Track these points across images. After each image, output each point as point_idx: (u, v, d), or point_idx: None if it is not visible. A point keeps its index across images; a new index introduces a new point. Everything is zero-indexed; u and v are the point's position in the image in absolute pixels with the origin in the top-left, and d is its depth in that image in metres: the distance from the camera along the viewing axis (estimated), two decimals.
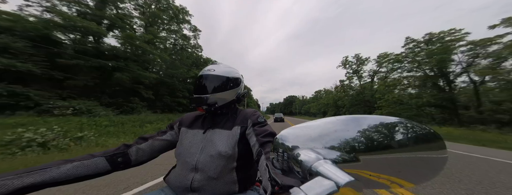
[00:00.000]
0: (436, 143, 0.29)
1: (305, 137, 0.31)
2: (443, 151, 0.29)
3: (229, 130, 0.75)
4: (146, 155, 0.74)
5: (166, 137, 0.80)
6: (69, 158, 0.59)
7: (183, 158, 0.71)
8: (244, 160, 0.72)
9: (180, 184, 0.68)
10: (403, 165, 0.29)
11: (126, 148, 0.70)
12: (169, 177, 0.74)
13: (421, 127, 0.29)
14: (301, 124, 0.34)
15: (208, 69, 0.81)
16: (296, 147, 0.30)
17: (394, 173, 0.29)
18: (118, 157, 0.66)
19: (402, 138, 0.28)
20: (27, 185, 0.46)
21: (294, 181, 0.28)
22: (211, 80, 0.79)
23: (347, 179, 0.21)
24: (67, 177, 0.54)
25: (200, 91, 0.78)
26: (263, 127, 0.70)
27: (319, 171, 0.23)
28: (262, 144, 0.59)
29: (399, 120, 0.30)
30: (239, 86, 0.85)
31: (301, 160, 0.27)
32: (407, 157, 0.28)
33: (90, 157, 0.61)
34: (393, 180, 0.29)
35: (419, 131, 0.29)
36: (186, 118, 0.87)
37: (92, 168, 0.59)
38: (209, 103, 0.76)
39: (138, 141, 0.75)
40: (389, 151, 0.28)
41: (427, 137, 0.29)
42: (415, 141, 0.29)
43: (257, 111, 0.82)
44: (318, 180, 0.22)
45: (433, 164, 0.29)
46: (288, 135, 0.33)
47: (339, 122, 0.31)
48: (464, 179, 2.69)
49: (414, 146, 0.28)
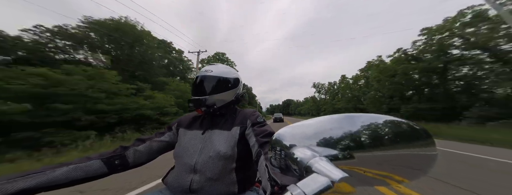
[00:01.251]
0: (426, 140, 0.30)
1: (302, 135, 0.32)
2: (433, 148, 0.30)
3: (228, 131, 0.74)
4: (144, 157, 0.73)
5: (164, 138, 0.80)
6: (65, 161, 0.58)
7: (181, 159, 0.71)
8: (244, 160, 0.72)
9: (179, 186, 0.67)
10: (396, 162, 0.29)
11: (123, 150, 0.69)
12: (167, 178, 0.74)
13: (413, 125, 0.30)
14: (298, 123, 0.35)
15: (206, 69, 0.80)
16: (293, 145, 0.31)
17: (387, 170, 0.30)
18: (115, 160, 0.66)
19: (394, 136, 0.29)
20: (21, 190, 0.45)
21: (293, 180, 0.29)
22: (209, 81, 0.78)
23: (341, 175, 0.22)
24: (62, 180, 0.53)
25: (198, 93, 0.78)
26: (263, 127, 0.70)
27: (315, 168, 0.24)
28: (261, 145, 0.59)
29: (392, 119, 0.31)
30: (237, 86, 0.84)
31: (297, 158, 0.28)
32: (399, 154, 0.29)
33: (86, 159, 0.60)
34: (386, 176, 0.30)
35: (410, 129, 0.30)
36: (184, 119, 0.86)
37: (89, 171, 0.59)
38: (208, 105, 0.76)
39: (136, 143, 0.74)
40: (382, 149, 0.29)
41: (418, 135, 0.30)
42: (407, 138, 0.30)
43: (256, 111, 0.82)
44: (314, 177, 0.23)
45: (424, 161, 0.31)
46: (285, 134, 0.34)
47: (334, 120, 0.32)
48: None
49: (405, 144, 0.29)
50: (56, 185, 0.52)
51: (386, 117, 0.31)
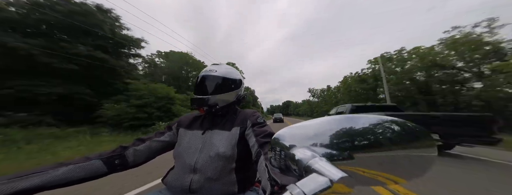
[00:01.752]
0: (426, 141, 0.30)
1: (302, 136, 0.32)
2: (432, 149, 0.30)
3: (228, 131, 0.75)
4: (144, 157, 0.74)
5: (164, 138, 0.80)
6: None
7: (181, 159, 0.71)
8: (243, 161, 0.72)
9: (178, 185, 0.67)
10: (395, 162, 0.30)
11: (123, 150, 0.70)
12: (167, 178, 0.74)
13: (412, 125, 0.30)
14: (297, 124, 0.35)
15: (210, 69, 0.80)
16: (293, 146, 0.31)
17: (387, 170, 0.30)
18: (115, 159, 0.66)
19: (394, 136, 0.29)
20: (22, 189, 0.45)
21: (293, 180, 0.29)
22: (212, 80, 0.79)
23: (340, 175, 0.22)
24: (62, 180, 0.53)
25: (201, 92, 0.78)
26: (262, 127, 0.70)
27: (314, 168, 0.24)
28: (261, 145, 0.59)
29: (392, 119, 0.31)
30: (240, 87, 0.85)
31: (297, 158, 0.28)
32: (399, 155, 0.29)
33: (86, 159, 0.60)
34: (385, 177, 0.30)
35: (410, 130, 0.30)
36: (184, 118, 0.86)
37: (88, 171, 0.59)
38: (210, 104, 0.76)
39: (136, 143, 0.74)
40: (382, 149, 0.29)
41: (418, 135, 0.30)
42: (407, 139, 0.30)
43: (257, 112, 0.83)
44: (313, 177, 0.23)
45: (424, 161, 0.31)
46: (285, 134, 0.34)
47: (334, 121, 0.32)
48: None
49: (405, 144, 0.29)
50: (57, 185, 0.52)
51: (386, 117, 0.31)
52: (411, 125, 0.30)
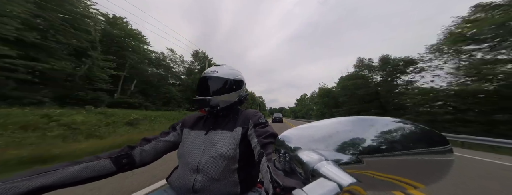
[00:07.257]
0: (442, 145, 0.28)
1: (308, 138, 0.31)
2: (449, 152, 0.29)
3: (230, 131, 0.75)
4: (150, 156, 0.74)
5: (169, 138, 0.80)
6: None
7: (185, 159, 0.72)
8: (246, 161, 0.72)
9: (182, 185, 0.68)
10: (408, 166, 0.28)
11: (130, 149, 0.70)
12: (171, 178, 0.74)
13: (425, 128, 0.29)
14: (303, 125, 0.34)
15: (212, 70, 0.81)
16: (298, 148, 0.30)
17: (400, 174, 0.28)
18: (123, 159, 0.66)
19: (407, 139, 0.28)
20: (36, 187, 0.45)
21: (295, 182, 0.28)
22: (214, 81, 0.79)
23: (350, 181, 0.21)
24: (74, 178, 0.53)
25: (203, 93, 0.78)
26: (264, 128, 0.69)
27: (322, 172, 0.23)
28: (263, 146, 0.59)
29: (403, 122, 0.29)
30: (241, 88, 0.85)
31: (303, 161, 0.26)
32: (413, 159, 0.28)
33: (96, 159, 0.61)
34: (400, 181, 0.29)
35: (423, 132, 0.29)
36: (188, 119, 0.87)
37: (98, 170, 0.59)
38: (211, 105, 0.77)
39: (142, 143, 0.75)
40: (393, 153, 0.27)
41: (432, 138, 0.29)
42: (420, 143, 0.28)
43: (259, 112, 0.82)
44: (320, 182, 0.22)
45: (441, 165, 0.29)
46: (290, 136, 0.33)
47: (342, 123, 0.31)
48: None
49: (419, 147, 0.28)
50: (68, 183, 0.53)
51: (397, 120, 0.30)
52: (424, 127, 0.29)
